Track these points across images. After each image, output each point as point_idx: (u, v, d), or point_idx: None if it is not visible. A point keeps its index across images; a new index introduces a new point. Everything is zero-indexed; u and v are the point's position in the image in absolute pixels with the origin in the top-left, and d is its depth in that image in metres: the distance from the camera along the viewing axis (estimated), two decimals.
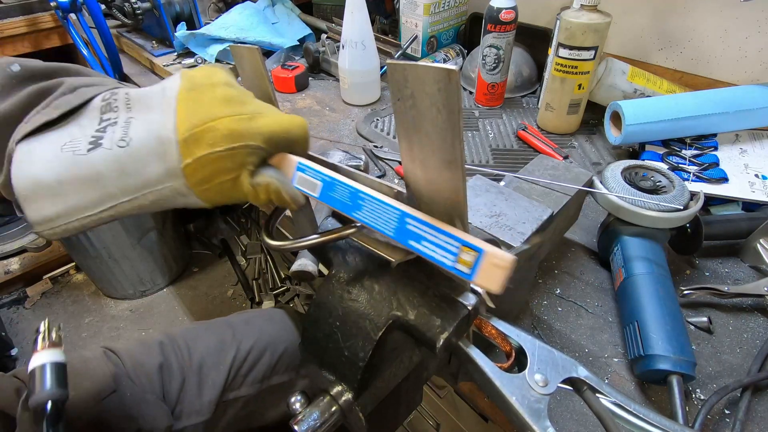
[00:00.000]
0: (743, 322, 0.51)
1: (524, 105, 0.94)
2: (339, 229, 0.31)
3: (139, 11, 1.11)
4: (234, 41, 1.06)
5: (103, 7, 1.09)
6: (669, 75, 0.85)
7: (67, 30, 1.17)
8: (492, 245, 0.24)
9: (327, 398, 0.32)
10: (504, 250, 0.24)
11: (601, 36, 0.71)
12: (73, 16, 1.14)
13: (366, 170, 0.64)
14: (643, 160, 0.69)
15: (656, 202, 0.50)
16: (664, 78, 0.81)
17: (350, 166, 0.33)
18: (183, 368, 0.69)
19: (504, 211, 0.41)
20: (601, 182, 0.54)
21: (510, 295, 0.47)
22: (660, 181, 0.54)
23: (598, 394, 0.31)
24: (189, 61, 1.07)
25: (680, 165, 0.67)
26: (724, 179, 0.64)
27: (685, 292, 0.51)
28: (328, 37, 1.10)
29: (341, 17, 0.90)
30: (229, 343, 0.73)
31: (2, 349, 1.50)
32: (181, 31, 1.07)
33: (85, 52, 1.16)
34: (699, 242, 0.54)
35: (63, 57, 1.58)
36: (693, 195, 0.52)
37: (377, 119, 0.89)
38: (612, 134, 0.73)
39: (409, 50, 1.04)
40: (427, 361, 0.37)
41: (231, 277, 1.84)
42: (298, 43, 1.12)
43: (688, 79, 0.84)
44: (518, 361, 0.34)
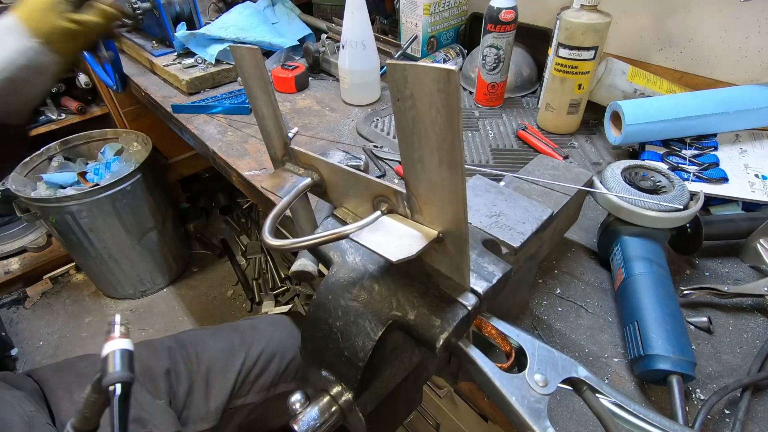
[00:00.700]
0: (743, 322, 0.51)
1: (524, 105, 0.94)
2: (339, 229, 0.31)
3: (139, 11, 1.11)
4: (234, 41, 1.06)
5: None
6: (669, 75, 0.85)
7: None
8: None
9: (327, 398, 0.32)
10: None
11: (601, 36, 0.71)
12: None
13: (366, 170, 0.64)
14: (643, 160, 0.69)
15: (656, 202, 0.50)
16: (664, 78, 0.81)
17: (350, 166, 0.33)
18: (191, 373, 0.69)
19: (504, 211, 0.41)
20: (601, 182, 0.54)
21: (510, 295, 0.47)
22: (660, 181, 0.54)
23: (598, 394, 0.31)
24: (189, 61, 1.07)
25: (680, 165, 0.67)
26: (724, 179, 0.64)
27: (685, 292, 0.51)
28: (328, 37, 1.10)
29: (341, 17, 0.90)
30: (237, 348, 0.72)
31: (2, 349, 1.50)
32: (181, 31, 1.07)
33: (84, 52, 1.16)
34: (699, 242, 0.54)
35: None
36: (693, 195, 0.52)
37: (377, 119, 0.89)
38: (612, 134, 0.73)
39: (409, 50, 1.04)
40: (427, 361, 0.37)
41: (231, 277, 1.84)
42: (298, 43, 1.12)
43: (688, 79, 0.84)
44: (518, 361, 0.34)
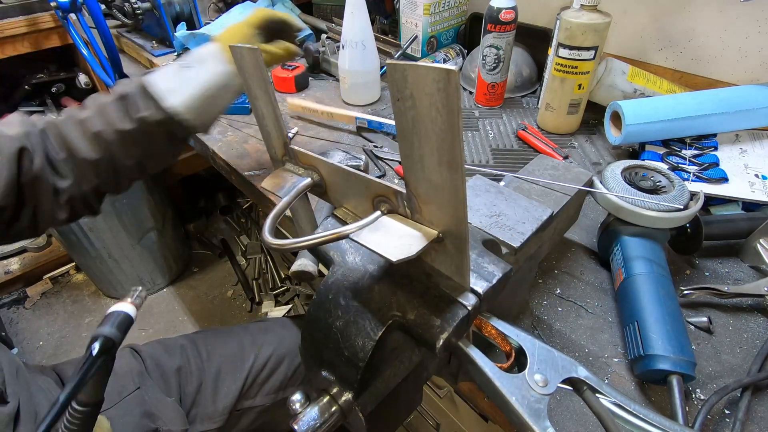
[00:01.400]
0: (743, 322, 0.51)
1: (524, 105, 0.94)
2: (339, 229, 0.31)
3: (139, 11, 1.11)
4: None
5: (103, 7, 1.09)
6: (669, 75, 0.85)
7: (67, 30, 1.17)
8: None
9: (327, 398, 0.32)
10: None
11: (601, 36, 0.71)
12: (73, 16, 1.13)
13: (366, 170, 0.64)
14: (643, 160, 0.69)
15: (656, 202, 0.50)
16: (664, 78, 0.81)
17: (350, 166, 0.33)
18: (201, 372, 0.70)
19: (504, 211, 0.41)
20: (601, 182, 0.53)
21: (510, 295, 0.47)
22: (660, 181, 0.54)
23: (598, 394, 0.31)
24: None
25: (680, 165, 0.67)
26: (724, 179, 0.64)
27: (685, 292, 0.51)
28: (328, 37, 1.10)
29: (341, 17, 0.90)
30: (248, 350, 0.73)
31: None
32: (181, 31, 1.07)
33: (85, 52, 1.16)
34: (699, 242, 0.54)
35: (63, 57, 1.58)
36: (693, 195, 0.52)
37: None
38: (612, 134, 0.73)
39: (409, 50, 1.04)
40: (426, 361, 0.37)
41: (231, 277, 1.84)
42: (298, 43, 1.12)
43: (688, 79, 0.84)
44: (518, 361, 0.34)
